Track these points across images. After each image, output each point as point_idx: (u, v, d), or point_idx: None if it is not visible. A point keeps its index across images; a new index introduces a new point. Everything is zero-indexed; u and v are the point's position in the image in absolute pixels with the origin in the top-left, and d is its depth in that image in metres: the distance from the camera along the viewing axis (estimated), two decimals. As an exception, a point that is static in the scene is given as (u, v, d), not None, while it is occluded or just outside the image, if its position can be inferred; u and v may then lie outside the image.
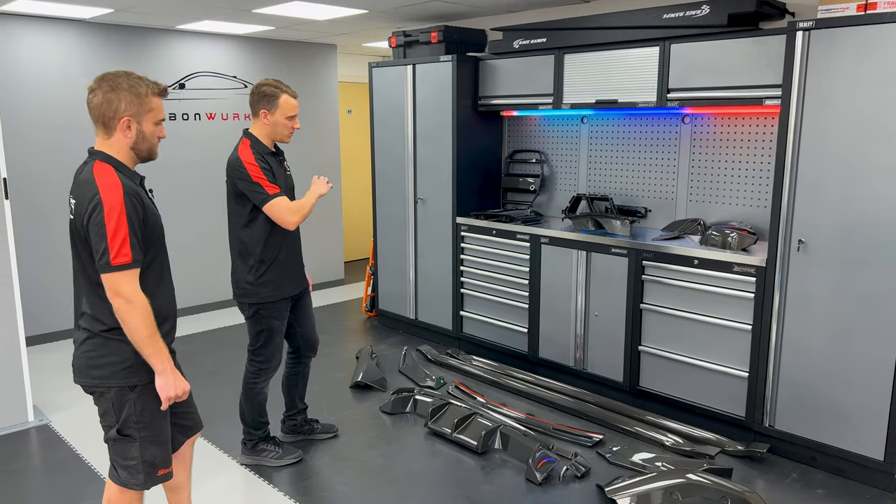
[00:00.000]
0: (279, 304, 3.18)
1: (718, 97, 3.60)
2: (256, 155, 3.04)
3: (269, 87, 3.09)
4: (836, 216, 3.07)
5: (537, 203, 4.95)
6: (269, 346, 3.21)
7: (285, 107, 3.09)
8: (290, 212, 3.02)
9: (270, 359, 3.23)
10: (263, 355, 3.22)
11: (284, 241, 3.16)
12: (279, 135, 3.13)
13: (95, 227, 1.98)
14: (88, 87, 2.08)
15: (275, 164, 3.13)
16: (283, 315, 3.22)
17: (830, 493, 3.08)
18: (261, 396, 3.28)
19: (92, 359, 2.11)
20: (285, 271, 3.17)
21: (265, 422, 3.37)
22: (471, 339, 4.86)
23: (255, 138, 3.11)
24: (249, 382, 3.26)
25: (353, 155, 7.80)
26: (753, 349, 3.40)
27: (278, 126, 3.11)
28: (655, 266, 3.74)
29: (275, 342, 3.22)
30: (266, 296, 3.13)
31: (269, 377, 3.27)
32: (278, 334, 3.23)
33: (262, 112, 3.09)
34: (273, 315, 3.18)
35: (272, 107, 3.08)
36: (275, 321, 3.19)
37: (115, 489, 2.24)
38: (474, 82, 4.78)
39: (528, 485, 3.16)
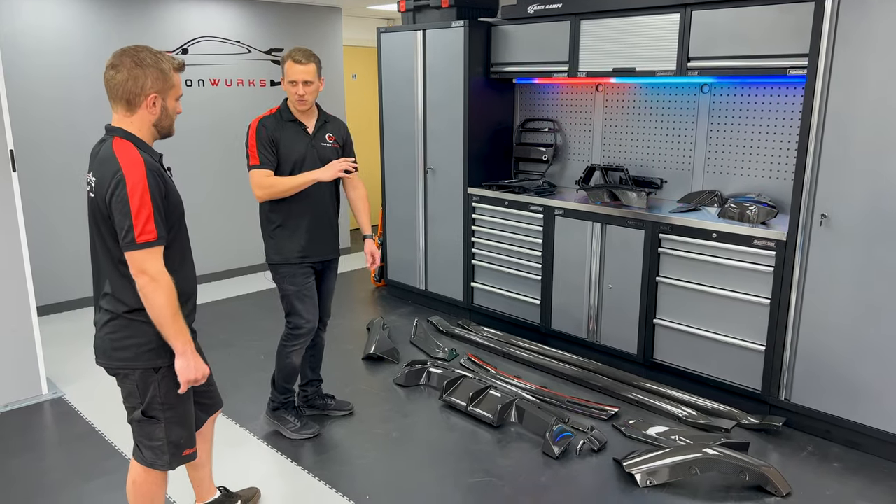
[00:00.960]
0: (287, 268, 3.17)
1: (741, 66, 3.51)
2: (262, 123, 3.08)
3: (284, 53, 3.12)
4: (861, 191, 3.02)
5: (550, 173, 4.88)
6: (293, 312, 3.23)
7: (287, 72, 3.07)
8: (258, 186, 3.05)
9: (298, 324, 3.23)
10: (290, 320, 3.25)
11: (295, 209, 3.14)
12: (292, 102, 3.12)
13: (119, 204, 1.94)
14: (109, 63, 2.01)
15: (290, 133, 3.11)
16: (298, 281, 3.20)
17: (846, 467, 3.10)
18: (288, 361, 3.29)
19: (115, 340, 2.09)
20: (294, 239, 3.16)
21: (290, 389, 3.39)
22: (482, 310, 4.85)
23: (286, 106, 3.17)
24: (281, 345, 3.30)
25: (358, 120, 7.68)
26: (771, 323, 3.38)
27: (288, 93, 3.10)
28: (672, 239, 3.70)
29: (295, 307, 3.22)
30: (272, 258, 3.19)
31: (299, 344, 3.26)
32: (298, 300, 3.21)
33: (282, 80, 3.12)
34: (284, 279, 3.19)
35: (283, 73, 3.09)
36: (288, 286, 3.19)
37: (141, 469, 2.24)
38: (486, 49, 4.67)
39: (545, 459, 3.17)
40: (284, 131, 3.09)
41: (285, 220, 3.15)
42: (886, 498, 2.87)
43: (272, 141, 3.05)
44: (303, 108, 3.11)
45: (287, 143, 3.09)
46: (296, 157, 3.10)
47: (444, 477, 3.05)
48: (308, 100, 3.08)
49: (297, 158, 3.10)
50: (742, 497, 2.86)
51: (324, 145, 3.21)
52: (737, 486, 2.92)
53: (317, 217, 3.21)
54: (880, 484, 2.97)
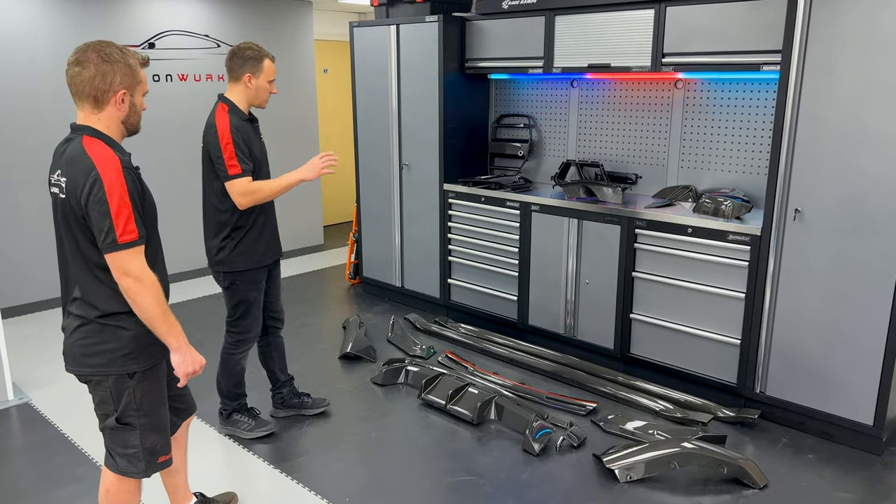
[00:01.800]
0: (255, 273, 3.10)
1: (715, 62, 3.53)
2: (233, 125, 2.91)
3: (253, 50, 2.99)
4: (833, 185, 3.06)
5: (525, 169, 4.88)
6: (247, 317, 3.15)
7: (269, 71, 3.02)
8: (242, 193, 2.92)
9: (249, 329, 3.17)
10: (241, 326, 3.16)
11: (261, 210, 3.07)
12: (259, 99, 3.04)
13: (96, 204, 1.87)
14: (73, 59, 1.93)
15: (251, 133, 3.02)
16: (260, 286, 3.15)
17: (821, 458, 3.15)
18: (238, 368, 3.24)
19: (87, 346, 2.02)
20: (260, 240, 3.09)
21: (241, 393, 3.34)
22: (459, 306, 4.83)
23: (234, 104, 2.99)
24: (227, 353, 3.21)
25: (331, 115, 7.60)
26: (746, 317, 3.42)
27: (261, 91, 3.02)
28: (648, 234, 3.72)
29: (252, 314, 3.16)
30: (241, 265, 3.06)
31: (247, 349, 3.22)
32: (256, 306, 3.16)
33: (248, 76, 2.98)
34: (249, 286, 3.11)
35: (256, 71, 2.98)
36: (252, 292, 3.12)
37: (114, 478, 2.17)
38: (461, 44, 4.63)
39: (526, 455, 3.17)
40: (247, 130, 2.99)
41: (253, 223, 3.05)
42: (859, 488, 2.93)
43: (246, 143, 2.95)
44: (265, 106, 3.07)
45: (251, 142, 3.00)
46: (259, 157, 3.03)
47: (425, 476, 3.03)
48: None
49: (259, 158, 3.03)
50: (720, 490, 2.89)
51: (263, 139, 3.15)
52: (715, 479, 2.95)
53: (270, 214, 3.16)
54: (853, 474, 3.03)
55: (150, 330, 1.99)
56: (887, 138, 2.88)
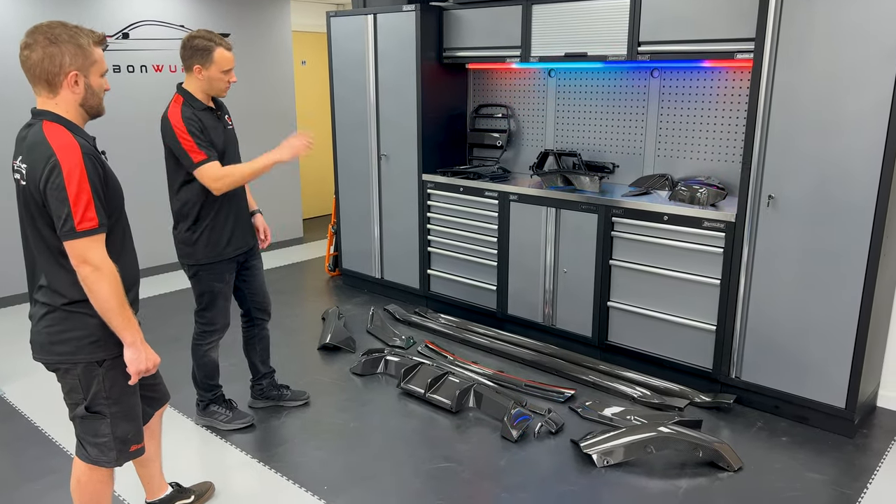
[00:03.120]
0: (217, 265, 3.06)
1: (690, 51, 3.56)
2: (186, 116, 2.85)
3: (202, 39, 2.89)
4: (806, 172, 3.10)
5: (504, 159, 4.88)
6: (212, 308, 3.12)
7: (220, 61, 2.89)
8: (214, 178, 2.86)
9: (214, 321, 3.15)
10: (206, 317, 3.14)
11: (223, 202, 3.02)
12: (215, 90, 2.96)
13: (55, 191, 1.83)
14: (23, 43, 1.88)
15: (210, 121, 2.95)
16: (225, 277, 3.11)
17: (794, 441, 3.20)
18: (207, 359, 3.22)
19: (54, 334, 1.99)
20: (224, 232, 3.05)
21: (215, 385, 3.32)
22: (438, 297, 4.83)
23: (190, 94, 2.93)
24: (195, 343, 3.20)
25: (309, 107, 7.55)
26: (721, 303, 3.46)
27: (214, 81, 2.92)
28: (625, 222, 3.74)
29: (217, 305, 3.13)
30: (202, 257, 3.03)
31: (215, 340, 3.20)
32: (221, 297, 3.13)
33: (196, 68, 2.89)
34: (212, 277, 3.08)
35: (206, 62, 2.88)
36: (215, 283, 3.09)
37: (85, 467, 2.15)
38: (438, 33, 4.62)
39: (504, 442, 3.18)
40: (205, 120, 2.92)
41: (217, 213, 3.01)
42: (830, 469, 2.98)
43: (203, 132, 2.88)
44: (224, 95, 2.99)
45: (211, 132, 2.93)
46: (220, 147, 2.96)
47: (403, 464, 3.03)
48: None
49: (221, 148, 2.96)
50: (696, 473, 2.93)
51: (229, 128, 3.09)
52: (691, 463, 2.98)
53: (238, 204, 3.10)
54: (826, 456, 3.07)
55: (105, 322, 1.95)
56: (858, 126, 2.92)
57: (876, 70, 2.84)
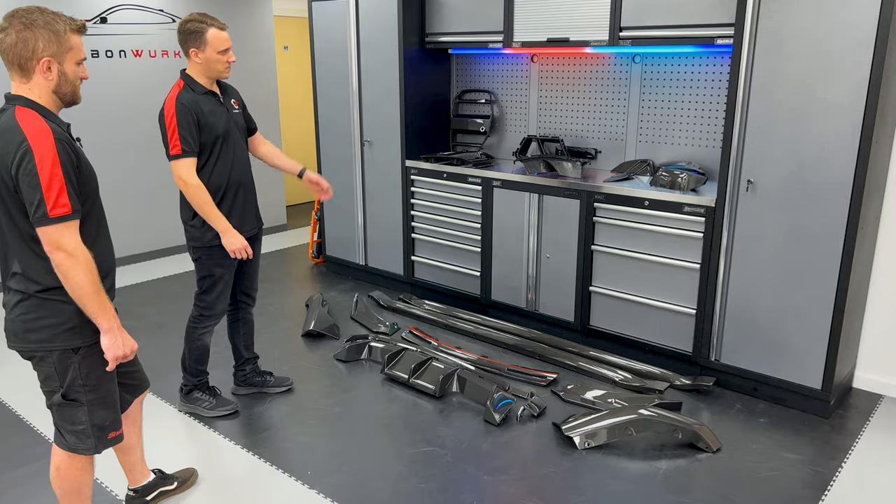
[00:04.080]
0: (221, 249, 3.05)
1: (671, 36, 3.56)
2: (182, 102, 2.85)
3: (194, 22, 2.90)
4: (784, 157, 3.13)
5: (487, 145, 4.88)
6: (212, 292, 3.12)
7: (215, 42, 2.90)
8: (182, 178, 2.87)
9: (213, 305, 3.15)
10: (206, 301, 3.14)
11: (228, 187, 3.04)
12: (215, 71, 2.96)
13: (27, 176, 1.81)
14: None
15: (211, 105, 2.95)
16: (227, 262, 3.11)
17: (772, 422, 3.25)
18: (200, 343, 3.22)
19: (28, 322, 1.97)
20: (231, 216, 3.04)
21: (203, 370, 3.32)
22: (423, 283, 4.84)
23: (191, 78, 2.95)
24: (190, 326, 3.20)
25: (292, 93, 7.49)
26: (701, 287, 3.49)
27: (212, 63, 2.93)
28: (607, 208, 3.76)
29: (217, 289, 3.13)
30: (208, 240, 3.03)
31: (211, 325, 3.20)
32: (222, 282, 3.13)
33: (192, 51, 2.91)
34: (216, 261, 3.07)
35: (201, 44, 2.89)
36: (217, 268, 3.09)
37: (64, 455, 2.14)
38: (421, 18, 4.60)
39: (487, 426, 3.20)
40: (203, 104, 2.92)
41: (220, 200, 3.01)
42: (807, 448, 3.03)
43: (194, 119, 2.88)
44: (228, 75, 3.00)
45: (209, 116, 2.92)
46: (220, 131, 2.96)
47: (386, 449, 3.05)
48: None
49: (221, 132, 2.96)
50: (675, 454, 2.97)
51: (234, 112, 3.09)
52: (670, 444, 3.03)
53: (245, 187, 3.12)
54: (802, 436, 3.13)
55: (81, 308, 1.94)
56: (835, 111, 2.95)
57: (853, 57, 2.86)
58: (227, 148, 3.00)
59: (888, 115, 3.08)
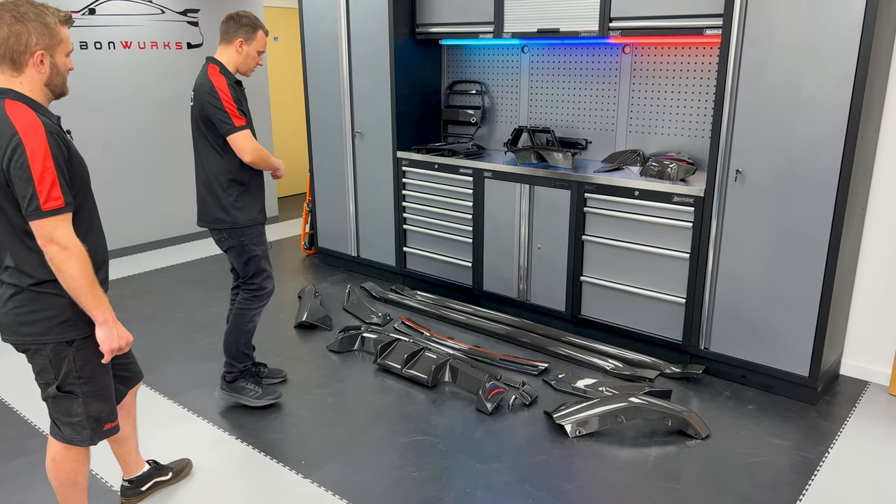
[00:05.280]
0: (255, 228, 3.16)
1: (660, 27, 3.58)
2: (229, 83, 2.99)
3: (250, 18, 3.08)
4: (772, 147, 3.16)
5: (478, 136, 4.89)
6: (261, 273, 3.21)
7: (261, 41, 3.11)
8: (251, 151, 2.99)
9: (264, 285, 3.23)
10: (256, 283, 3.21)
11: (254, 173, 3.16)
12: (246, 67, 3.11)
13: (18, 170, 1.82)
14: None
15: (239, 95, 3.07)
16: (263, 241, 3.21)
17: (760, 409, 3.30)
18: (250, 325, 3.26)
19: (22, 315, 1.98)
20: (257, 198, 3.18)
21: (248, 354, 3.33)
22: (415, 274, 4.85)
23: (223, 66, 3.05)
24: (242, 308, 3.24)
25: (282, 84, 7.47)
26: (691, 276, 3.53)
27: (249, 59, 3.09)
28: (597, 198, 3.78)
29: (263, 268, 3.22)
30: (243, 221, 3.11)
31: (263, 305, 3.26)
32: (265, 260, 3.21)
33: (240, 41, 3.04)
34: (253, 241, 3.16)
35: (250, 38, 3.06)
36: (255, 247, 3.17)
37: (60, 447, 2.16)
38: (411, 9, 4.59)
39: (479, 415, 3.24)
40: (239, 92, 3.08)
41: (250, 180, 3.13)
42: (794, 434, 3.08)
43: (241, 102, 3.04)
44: (250, 75, 3.18)
45: (244, 104, 3.09)
46: (250, 118, 3.10)
47: (380, 438, 3.07)
48: None
49: (250, 119, 3.11)
50: (665, 441, 3.01)
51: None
52: (660, 432, 3.07)
53: (261, 177, 3.23)
54: (790, 422, 3.18)
55: (75, 301, 1.95)
56: (821, 102, 2.98)
57: (839, 49, 2.89)
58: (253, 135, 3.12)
59: (874, 108, 3.11)
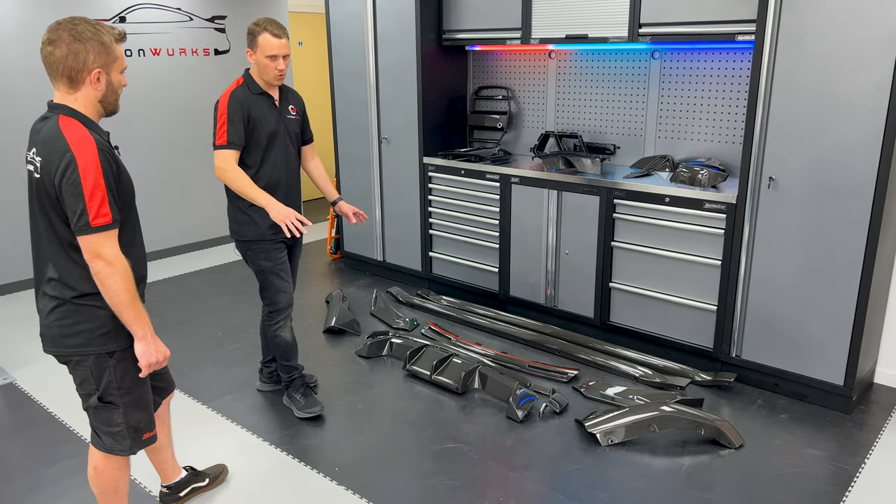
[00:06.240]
0: (262, 244, 3.13)
1: (691, 32, 3.56)
2: (235, 97, 2.98)
3: (253, 25, 3.02)
4: (807, 154, 3.12)
5: (504, 141, 4.89)
6: (269, 287, 3.20)
7: (264, 46, 2.97)
8: (220, 166, 2.93)
9: (275, 301, 3.21)
10: (267, 297, 3.23)
11: (268, 186, 3.06)
12: (266, 74, 3.03)
13: (70, 186, 1.85)
14: (45, 39, 1.90)
15: (262, 107, 3.04)
16: (274, 256, 3.17)
17: (794, 417, 3.26)
18: (278, 339, 3.25)
19: (64, 327, 2.02)
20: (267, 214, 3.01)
21: (291, 366, 3.34)
22: (440, 279, 4.87)
23: (251, 77, 3.07)
24: (264, 324, 3.30)
25: (306, 89, 7.50)
26: (722, 283, 3.50)
27: (262, 66, 3.01)
28: (626, 204, 3.77)
29: (272, 283, 3.19)
30: (248, 235, 3.11)
31: (280, 319, 3.23)
32: (273, 275, 3.18)
33: (249, 51, 3.04)
34: (260, 255, 3.15)
35: (254, 46, 3.01)
36: (262, 262, 3.16)
37: (101, 456, 2.20)
38: (438, 15, 4.61)
39: (510, 423, 3.24)
40: (256, 104, 3.02)
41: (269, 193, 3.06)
42: (829, 445, 3.04)
43: (244, 115, 2.97)
44: (279, 82, 3.06)
45: (260, 116, 3.02)
46: (269, 131, 3.04)
47: (411, 445, 3.09)
48: (284, 74, 3.04)
49: (269, 132, 3.05)
50: (698, 451, 2.99)
51: (289, 118, 3.16)
52: (692, 441, 3.05)
53: (288, 188, 3.17)
54: (824, 432, 3.14)
55: (116, 315, 1.98)
56: (857, 108, 2.94)
57: (876, 53, 2.85)
58: (271, 149, 3.08)
59: (912, 111, 3.06)
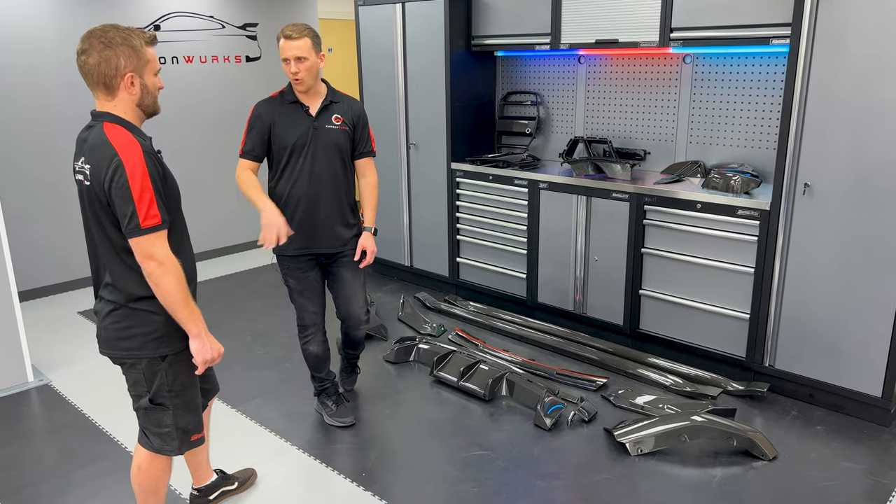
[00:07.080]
0: (282, 259, 3.11)
1: (724, 37, 3.51)
2: (258, 107, 2.99)
3: (280, 32, 2.91)
4: (843, 159, 3.06)
5: (533, 146, 4.88)
6: (294, 303, 3.18)
7: (280, 49, 2.91)
8: (236, 175, 2.96)
9: (299, 316, 3.18)
10: (295, 311, 3.20)
11: (288, 200, 2.98)
12: (292, 81, 2.95)
13: (119, 190, 1.90)
14: (79, 49, 1.95)
15: (292, 116, 2.96)
16: (297, 275, 3.09)
17: (829, 429, 3.19)
18: (306, 353, 3.23)
19: (120, 330, 2.07)
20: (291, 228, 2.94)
21: (319, 377, 3.34)
22: (468, 285, 4.86)
23: (289, 85, 3.02)
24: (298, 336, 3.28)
25: (335, 96, 7.57)
26: (755, 291, 3.44)
27: (286, 72, 2.93)
28: (657, 210, 3.73)
29: (296, 301, 3.15)
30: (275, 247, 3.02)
31: (309, 335, 3.17)
32: (296, 293, 3.13)
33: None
34: (283, 272, 3.14)
35: (280, 52, 2.92)
36: (288, 280, 3.13)
37: (147, 455, 2.24)
38: (467, 21, 4.61)
39: (537, 430, 3.22)
40: (282, 114, 2.94)
41: (283, 207, 2.94)
42: (866, 458, 2.97)
43: (264, 126, 2.93)
44: (299, 87, 2.92)
45: (284, 126, 2.93)
46: (293, 141, 2.93)
47: (439, 451, 3.08)
48: (303, 78, 2.87)
49: (294, 143, 2.93)
50: (730, 462, 2.94)
51: (329, 128, 2.98)
52: (724, 452, 3.00)
53: (316, 203, 3.00)
54: (861, 444, 3.07)
55: (169, 317, 2.02)
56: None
57: (918, 56, 2.79)
58: (294, 161, 2.97)
59: (954, 116, 2.98)
